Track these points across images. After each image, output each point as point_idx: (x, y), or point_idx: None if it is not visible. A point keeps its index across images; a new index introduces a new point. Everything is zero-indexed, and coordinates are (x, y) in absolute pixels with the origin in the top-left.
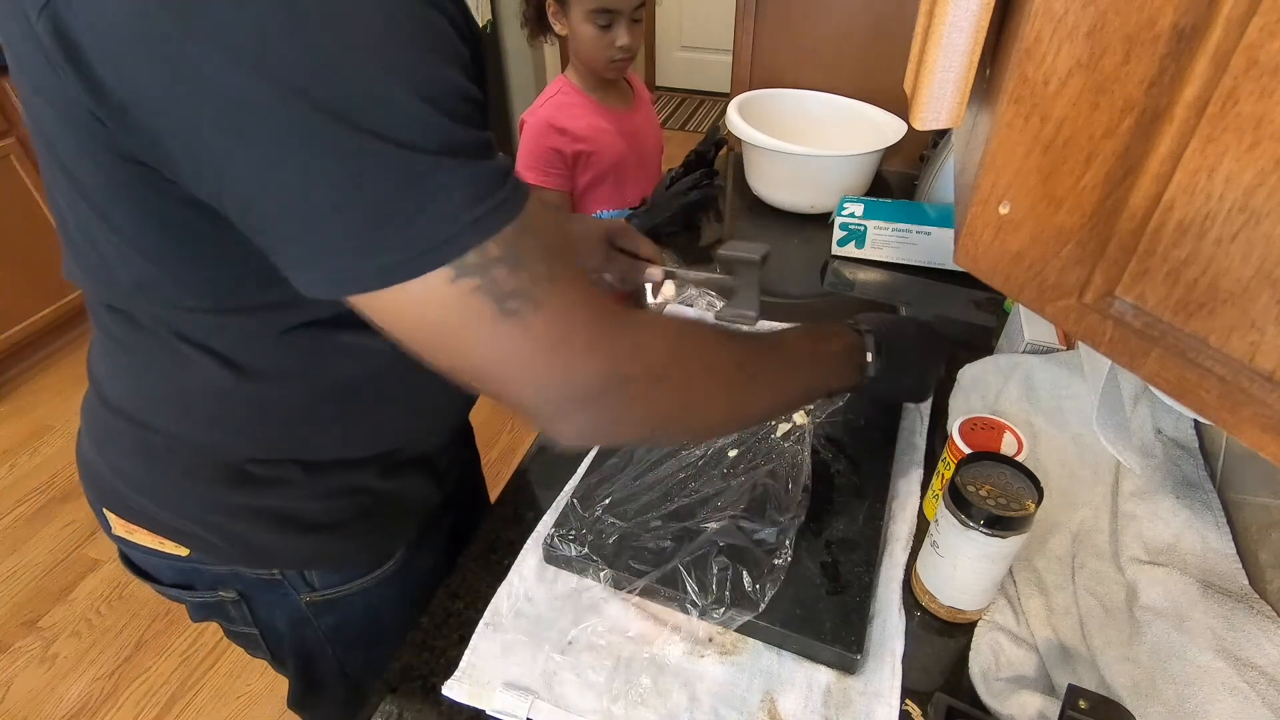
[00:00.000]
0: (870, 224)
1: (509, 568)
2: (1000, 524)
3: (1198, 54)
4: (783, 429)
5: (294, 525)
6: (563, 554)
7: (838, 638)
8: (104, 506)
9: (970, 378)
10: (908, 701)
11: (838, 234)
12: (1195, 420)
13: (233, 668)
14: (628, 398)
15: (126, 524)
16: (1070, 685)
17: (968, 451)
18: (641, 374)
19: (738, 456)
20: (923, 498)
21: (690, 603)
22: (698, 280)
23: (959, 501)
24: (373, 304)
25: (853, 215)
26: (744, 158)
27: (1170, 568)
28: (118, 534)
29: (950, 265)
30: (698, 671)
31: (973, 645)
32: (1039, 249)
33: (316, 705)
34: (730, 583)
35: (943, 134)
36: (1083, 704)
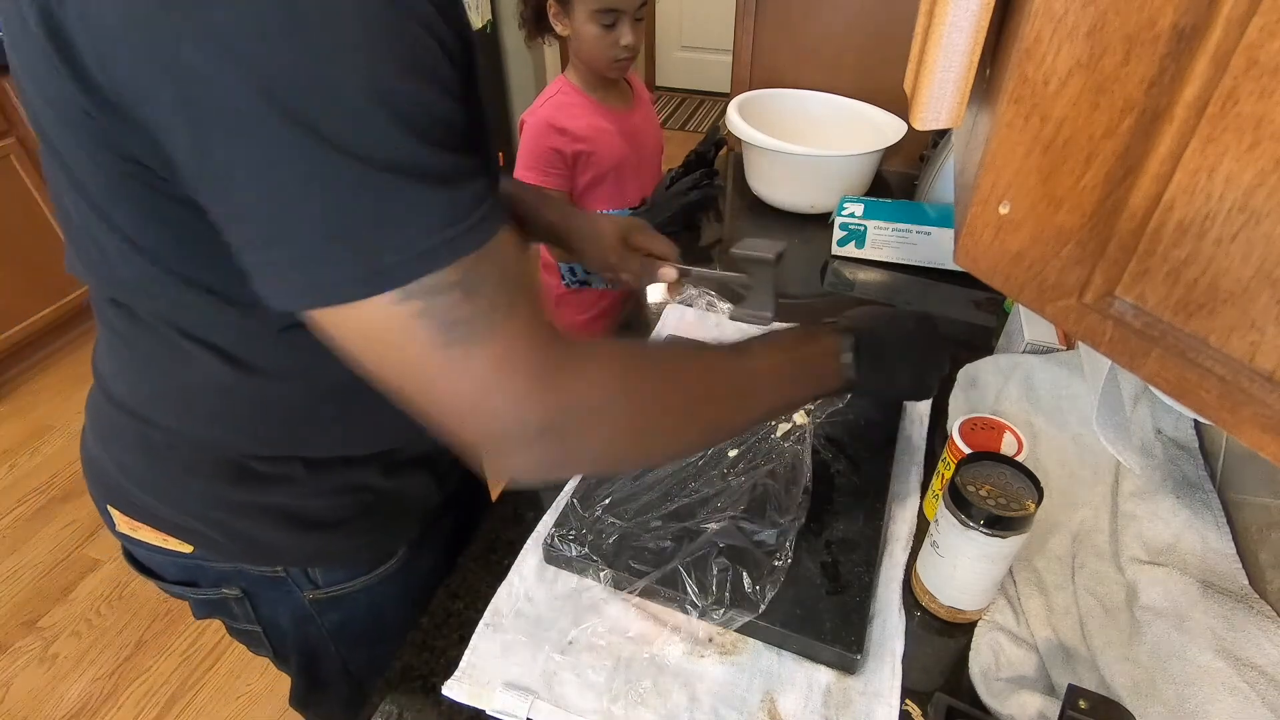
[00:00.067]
0: (870, 224)
1: (509, 568)
2: (1000, 524)
3: (1198, 54)
4: (783, 429)
5: (297, 522)
6: (563, 554)
7: (838, 638)
8: (108, 503)
9: (970, 378)
10: (908, 701)
11: (838, 234)
12: (1195, 420)
13: (233, 667)
14: (574, 435)
15: (131, 521)
16: (1070, 685)
17: (968, 451)
18: (588, 411)
19: (737, 456)
20: (923, 498)
21: (690, 603)
22: (712, 279)
23: (959, 501)
24: (322, 319)
25: (853, 215)
26: (744, 158)
27: (1170, 568)
28: (122, 531)
29: (950, 265)
30: (698, 672)
31: (973, 645)
32: (1039, 249)
33: (319, 703)
34: (730, 584)
35: (943, 134)
36: (1083, 704)
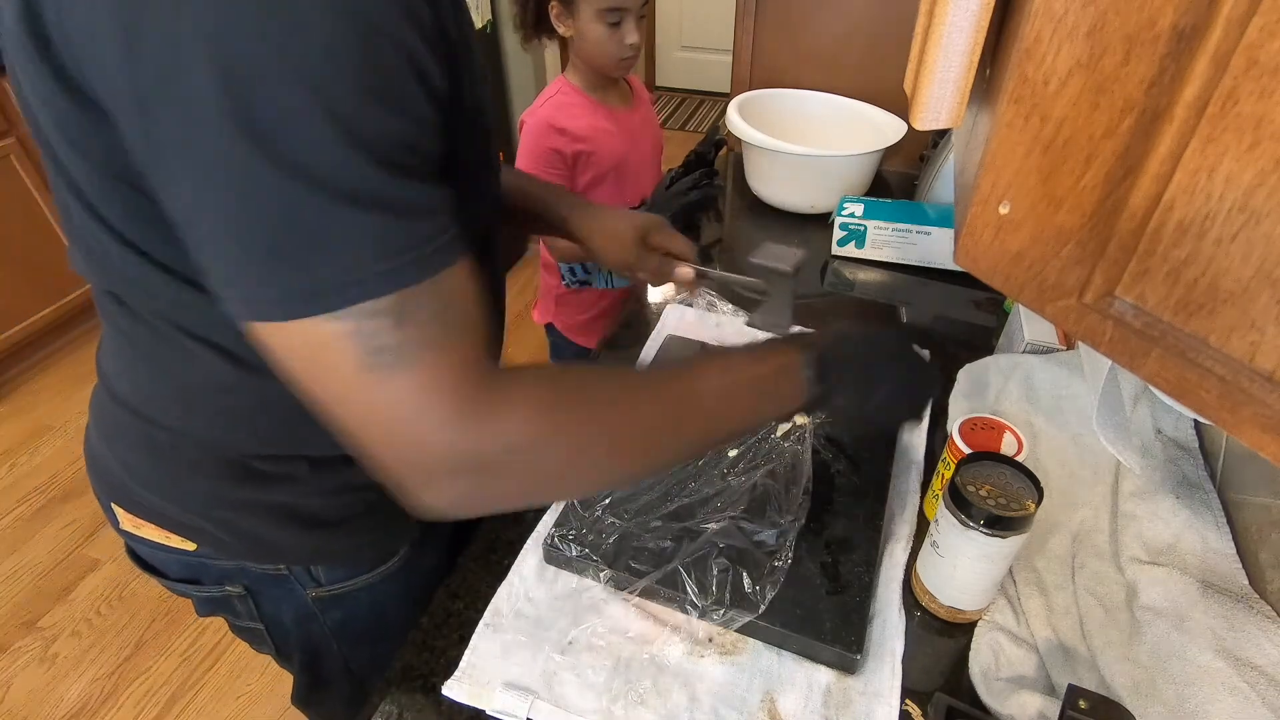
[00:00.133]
0: (870, 224)
1: (509, 568)
2: (1000, 524)
3: (1198, 54)
4: (783, 429)
5: (300, 521)
6: (563, 554)
7: (838, 638)
8: (112, 501)
9: (970, 378)
10: (908, 701)
11: (838, 234)
12: (1195, 420)
13: (233, 667)
14: (495, 473)
15: (134, 518)
16: (1070, 685)
17: (968, 451)
18: (509, 450)
19: (737, 456)
20: (923, 498)
21: (690, 603)
22: (730, 283)
23: (959, 501)
24: (253, 329)
25: (853, 215)
26: (744, 158)
27: (1170, 568)
28: (125, 528)
29: (950, 265)
30: (698, 672)
31: (973, 645)
32: (1039, 249)
33: (321, 701)
34: (730, 584)
35: (943, 134)
36: (1083, 704)
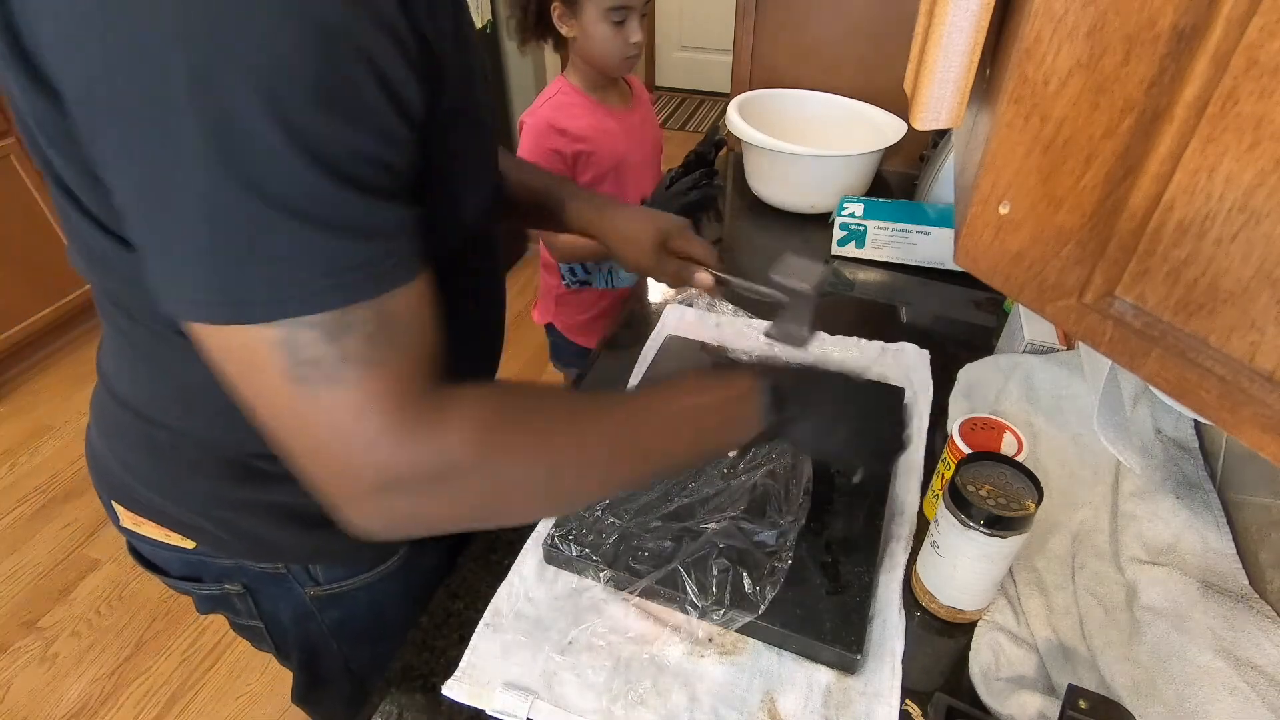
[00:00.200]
0: (870, 224)
1: (509, 568)
2: (1000, 524)
3: (1198, 54)
4: None
5: (299, 520)
6: (563, 554)
7: (838, 638)
8: (112, 499)
9: (970, 378)
10: (908, 701)
11: (838, 234)
12: (1195, 420)
13: (233, 668)
14: (425, 494)
15: (134, 516)
16: (1070, 685)
17: (968, 451)
18: (440, 472)
19: (737, 456)
20: (923, 498)
21: (690, 603)
22: (749, 292)
23: (959, 501)
24: (188, 327)
25: (853, 215)
26: (744, 158)
27: (1170, 568)
28: (125, 526)
29: (950, 265)
30: (698, 672)
31: (973, 645)
32: (1039, 249)
33: (320, 700)
34: (730, 584)
35: (943, 134)
36: (1083, 704)
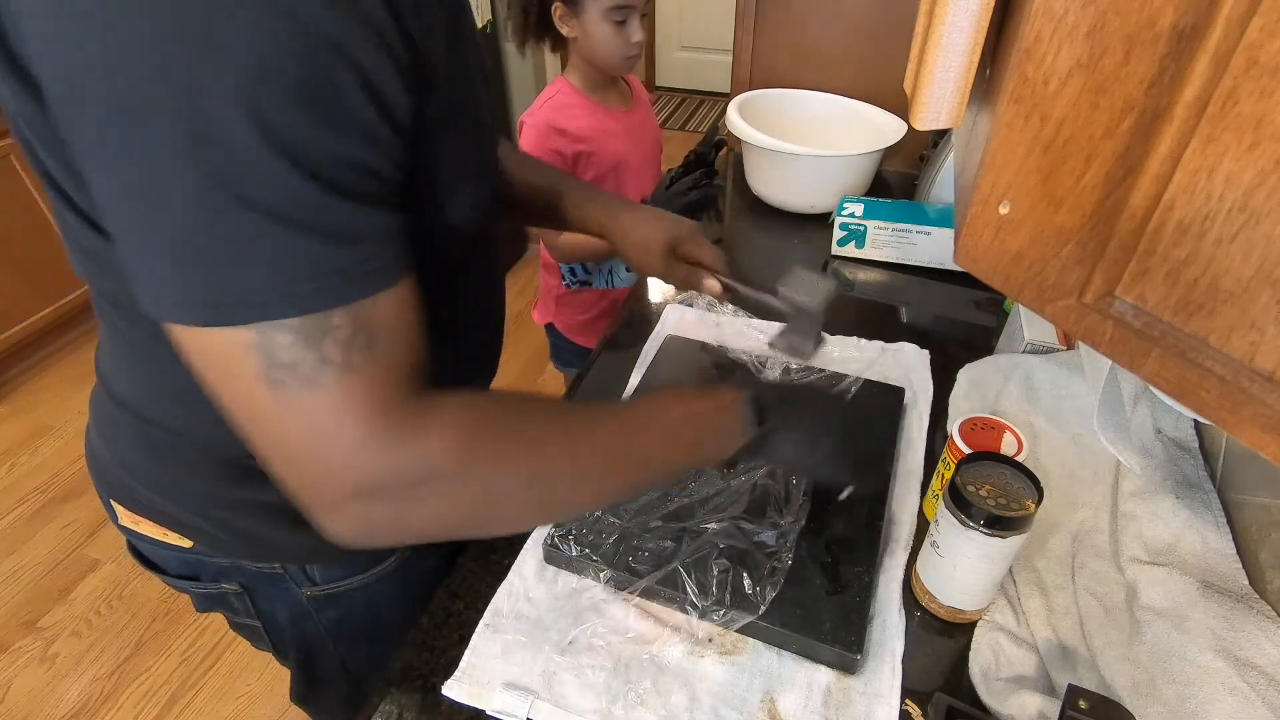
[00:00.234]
0: (870, 224)
1: (509, 568)
2: (1000, 524)
3: (1198, 54)
4: None
5: (294, 520)
6: (563, 554)
7: (838, 638)
8: (111, 498)
9: (970, 378)
10: (908, 701)
11: (838, 234)
12: (1195, 420)
13: (233, 668)
14: (404, 501)
15: (133, 515)
16: (1070, 685)
17: (968, 451)
18: (420, 480)
19: (723, 468)
20: (923, 498)
21: (690, 604)
22: (756, 301)
23: (959, 501)
24: (166, 328)
25: (853, 215)
26: (744, 158)
27: (1170, 568)
28: (124, 524)
29: (950, 265)
30: (698, 672)
31: (973, 645)
32: (1039, 249)
33: (318, 699)
34: (730, 584)
35: (943, 134)
36: (1083, 704)
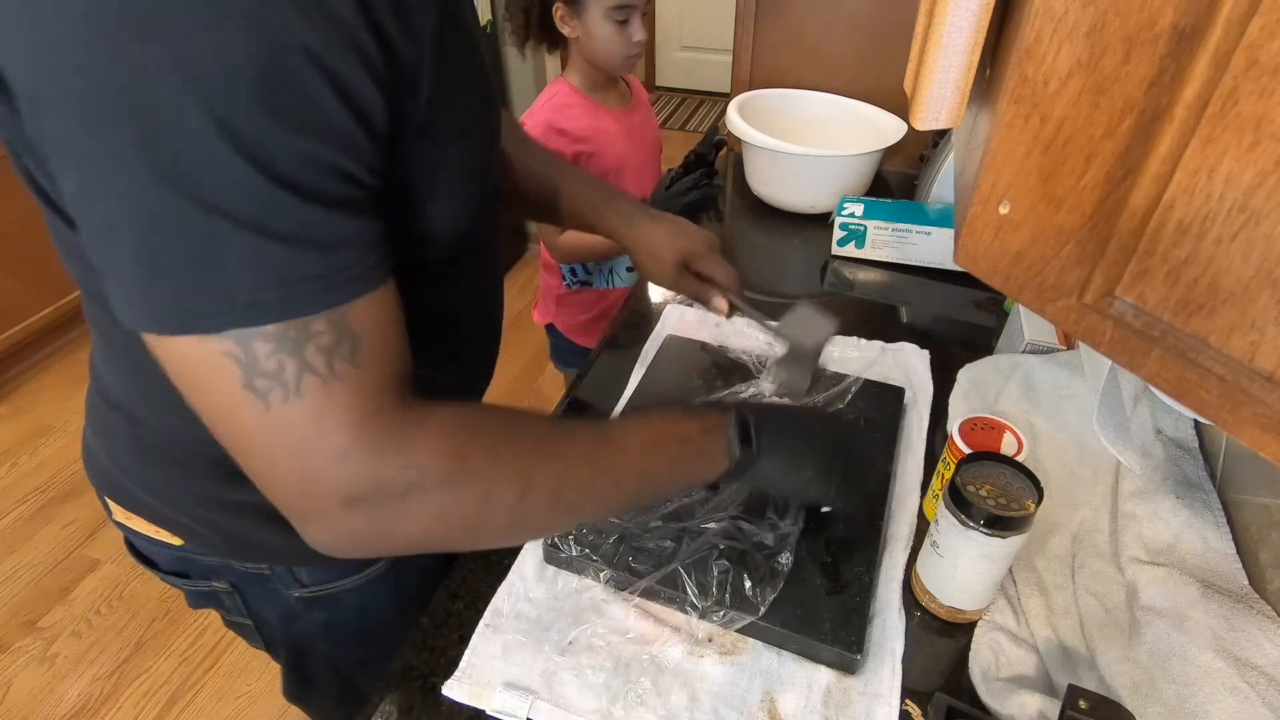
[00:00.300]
0: (870, 224)
1: (509, 568)
2: (1000, 524)
3: (1198, 54)
4: None
5: (283, 522)
6: (563, 554)
7: (838, 638)
8: (105, 494)
9: (970, 378)
10: (908, 701)
11: (838, 234)
12: (1195, 420)
13: (233, 668)
14: (390, 513)
15: (126, 511)
16: (1070, 685)
17: (968, 451)
18: (407, 490)
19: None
20: (923, 498)
21: (690, 604)
22: (760, 325)
23: (959, 501)
24: (144, 338)
25: (853, 215)
26: (744, 158)
27: (1170, 568)
28: (118, 520)
29: (950, 265)
30: (698, 672)
31: (973, 645)
32: (1039, 249)
33: (310, 698)
34: (730, 585)
35: (943, 134)
36: (1083, 704)
